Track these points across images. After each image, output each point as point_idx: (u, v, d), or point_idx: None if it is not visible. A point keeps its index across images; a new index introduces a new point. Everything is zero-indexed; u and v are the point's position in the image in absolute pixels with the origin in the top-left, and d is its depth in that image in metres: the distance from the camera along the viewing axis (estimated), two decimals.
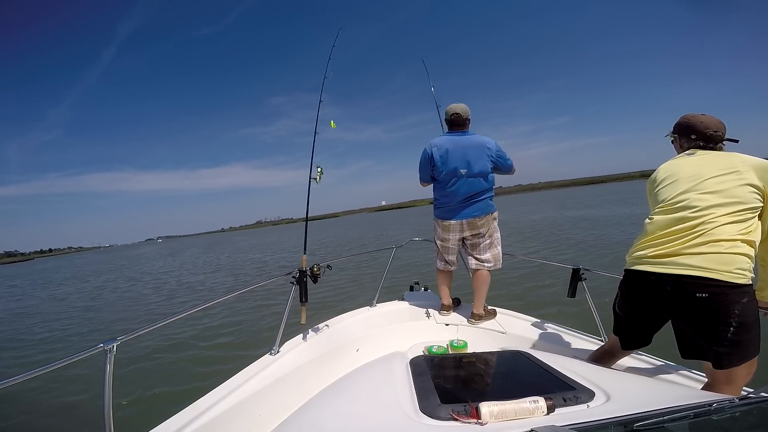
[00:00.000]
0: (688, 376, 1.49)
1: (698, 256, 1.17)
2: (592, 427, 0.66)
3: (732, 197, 1.19)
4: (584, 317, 2.11)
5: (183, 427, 1.21)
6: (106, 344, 1.08)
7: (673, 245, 1.23)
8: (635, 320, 1.41)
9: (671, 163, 1.42)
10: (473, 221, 2.31)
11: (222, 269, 14.13)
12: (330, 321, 2.30)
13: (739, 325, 1.13)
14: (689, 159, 1.36)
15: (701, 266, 1.16)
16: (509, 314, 2.43)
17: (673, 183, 1.33)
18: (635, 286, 1.34)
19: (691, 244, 1.19)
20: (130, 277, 15.61)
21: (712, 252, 1.16)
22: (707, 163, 1.29)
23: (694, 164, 1.32)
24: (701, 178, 1.26)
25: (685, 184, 1.28)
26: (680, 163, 1.37)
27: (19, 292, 15.83)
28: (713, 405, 0.68)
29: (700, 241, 1.18)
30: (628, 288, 1.39)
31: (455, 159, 2.27)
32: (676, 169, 1.35)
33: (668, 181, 1.35)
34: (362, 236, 21.18)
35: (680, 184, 1.30)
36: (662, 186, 1.37)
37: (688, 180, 1.29)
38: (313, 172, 2.33)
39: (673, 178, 1.34)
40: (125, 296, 10.35)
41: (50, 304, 10.54)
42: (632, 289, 1.36)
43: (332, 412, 0.96)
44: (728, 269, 1.13)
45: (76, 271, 24.19)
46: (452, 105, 2.36)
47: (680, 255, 1.20)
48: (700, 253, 1.17)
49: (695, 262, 1.17)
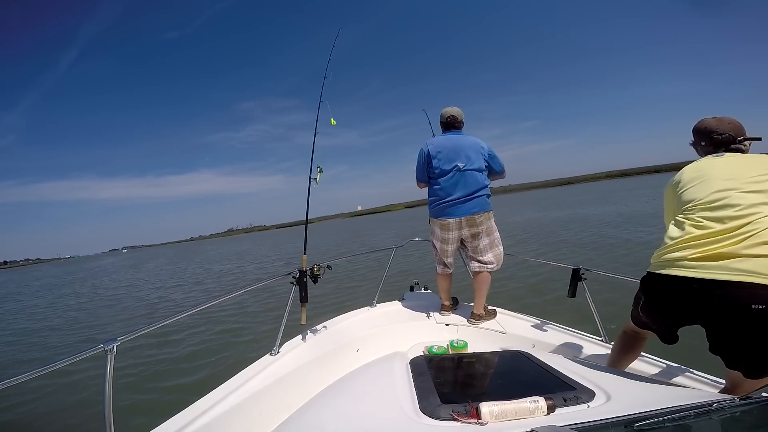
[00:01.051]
0: (688, 376, 1.48)
1: (753, 259, 1.00)
2: (593, 427, 0.66)
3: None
4: (584, 317, 2.11)
5: (183, 427, 1.21)
6: (106, 344, 1.08)
7: (721, 246, 1.06)
8: (664, 327, 1.25)
9: (697, 164, 1.28)
10: (472, 218, 2.30)
11: (186, 283, 12.31)
12: (330, 321, 2.30)
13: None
14: (718, 159, 1.24)
15: (758, 272, 0.99)
16: (509, 314, 2.43)
17: (703, 182, 1.19)
18: (668, 294, 1.16)
19: (743, 246, 1.03)
20: (80, 292, 13.83)
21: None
22: (740, 164, 1.19)
23: (726, 164, 1.20)
24: (738, 177, 1.13)
25: (720, 183, 1.15)
26: (710, 163, 1.24)
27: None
28: (713, 405, 0.68)
29: (753, 242, 1.02)
30: (659, 294, 1.20)
31: (452, 154, 2.30)
32: (706, 170, 1.22)
33: (697, 181, 1.21)
34: (340, 244, 19.17)
35: (714, 183, 1.16)
36: (690, 186, 1.22)
37: (723, 179, 1.15)
38: (313, 172, 2.33)
39: (703, 178, 1.20)
40: (67, 315, 8.90)
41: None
42: (664, 297, 1.18)
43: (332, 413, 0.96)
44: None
45: (22, 287, 21.67)
46: (447, 108, 2.42)
47: (731, 258, 1.03)
48: (755, 255, 1.01)
49: (750, 267, 1.00)
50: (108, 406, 1.04)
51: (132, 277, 17.54)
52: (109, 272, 24.96)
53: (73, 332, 6.97)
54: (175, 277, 14.95)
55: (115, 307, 9.28)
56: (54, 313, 9.57)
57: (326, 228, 56.15)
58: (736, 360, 1.08)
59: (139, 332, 1.27)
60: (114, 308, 9.08)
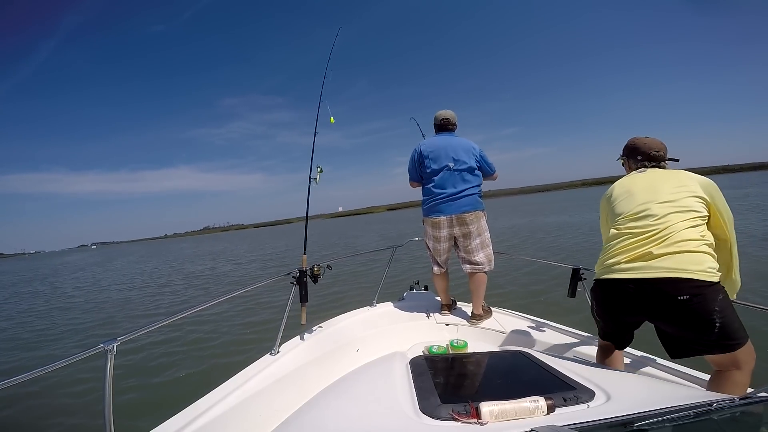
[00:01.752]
0: (688, 376, 1.49)
1: (672, 257, 1.22)
2: (593, 426, 0.66)
3: (685, 206, 1.30)
4: (584, 317, 2.11)
5: (183, 427, 1.21)
6: (107, 344, 1.08)
7: (645, 249, 1.27)
8: (619, 326, 1.43)
9: (625, 180, 1.52)
10: (462, 216, 2.31)
11: (152, 285, 11.41)
12: (330, 321, 2.30)
13: (722, 321, 1.17)
14: (641, 175, 1.48)
15: (677, 268, 1.20)
16: (509, 314, 2.43)
17: (629, 197, 1.42)
18: (612, 295, 1.36)
19: (662, 246, 1.24)
20: (36, 291, 12.99)
21: (683, 251, 1.22)
22: (659, 178, 1.42)
23: (647, 179, 1.44)
24: (656, 191, 1.36)
25: (643, 197, 1.38)
26: (633, 180, 1.48)
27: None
28: (713, 405, 0.68)
29: (670, 242, 1.24)
30: (604, 297, 1.40)
31: (444, 154, 2.35)
32: (630, 185, 1.46)
33: (625, 196, 1.44)
34: (323, 246, 18.12)
35: (638, 197, 1.39)
36: (619, 200, 1.45)
37: (645, 193, 1.38)
38: (313, 172, 2.34)
39: (628, 193, 1.43)
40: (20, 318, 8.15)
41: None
42: (610, 298, 1.38)
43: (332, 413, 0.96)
44: (701, 268, 1.19)
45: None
46: (441, 111, 2.49)
47: (654, 258, 1.24)
48: (673, 253, 1.22)
49: (670, 264, 1.21)
50: (108, 405, 1.04)
51: (95, 276, 16.61)
52: (76, 269, 23.79)
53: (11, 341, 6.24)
54: (145, 276, 14.03)
55: (72, 310, 8.52)
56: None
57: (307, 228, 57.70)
58: (689, 347, 1.24)
59: (139, 332, 1.27)
60: (70, 312, 8.30)
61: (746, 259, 5.89)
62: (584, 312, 2.04)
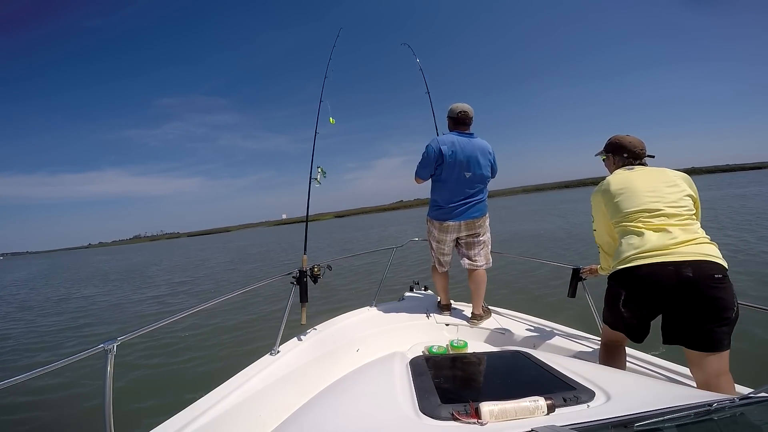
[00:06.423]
0: (688, 376, 1.48)
1: (700, 245, 1.29)
2: (593, 427, 0.66)
3: (682, 205, 1.39)
4: (584, 317, 2.12)
5: (183, 427, 1.21)
6: (107, 344, 1.08)
7: (675, 237, 1.31)
8: (644, 316, 1.40)
9: (617, 177, 1.55)
10: (471, 222, 2.32)
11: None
12: (330, 321, 2.30)
13: (735, 312, 1.23)
14: (634, 173, 1.52)
15: (707, 253, 1.27)
16: (509, 314, 2.43)
17: (633, 194, 1.45)
18: (646, 282, 1.32)
19: (689, 233, 1.31)
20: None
21: (705, 242, 1.30)
22: (652, 177, 1.48)
23: (642, 177, 1.49)
24: (657, 189, 1.43)
25: (647, 194, 1.42)
26: (628, 177, 1.52)
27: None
28: (713, 405, 0.68)
29: (693, 230, 1.32)
30: (635, 286, 1.36)
31: (462, 161, 2.25)
32: (628, 182, 1.50)
33: (627, 192, 1.47)
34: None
35: (641, 194, 1.43)
36: (622, 195, 1.48)
37: (647, 191, 1.43)
38: (313, 172, 2.34)
39: (630, 190, 1.47)
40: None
41: None
42: (642, 286, 1.34)
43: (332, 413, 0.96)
44: (720, 256, 1.28)
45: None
46: (459, 104, 2.34)
47: (684, 244, 1.29)
48: (699, 243, 1.29)
49: (701, 250, 1.27)
50: (108, 405, 1.04)
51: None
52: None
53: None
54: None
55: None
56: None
57: (247, 237, 44.32)
58: (693, 333, 1.26)
59: (139, 332, 1.27)
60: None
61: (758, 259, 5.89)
62: (584, 312, 2.04)
